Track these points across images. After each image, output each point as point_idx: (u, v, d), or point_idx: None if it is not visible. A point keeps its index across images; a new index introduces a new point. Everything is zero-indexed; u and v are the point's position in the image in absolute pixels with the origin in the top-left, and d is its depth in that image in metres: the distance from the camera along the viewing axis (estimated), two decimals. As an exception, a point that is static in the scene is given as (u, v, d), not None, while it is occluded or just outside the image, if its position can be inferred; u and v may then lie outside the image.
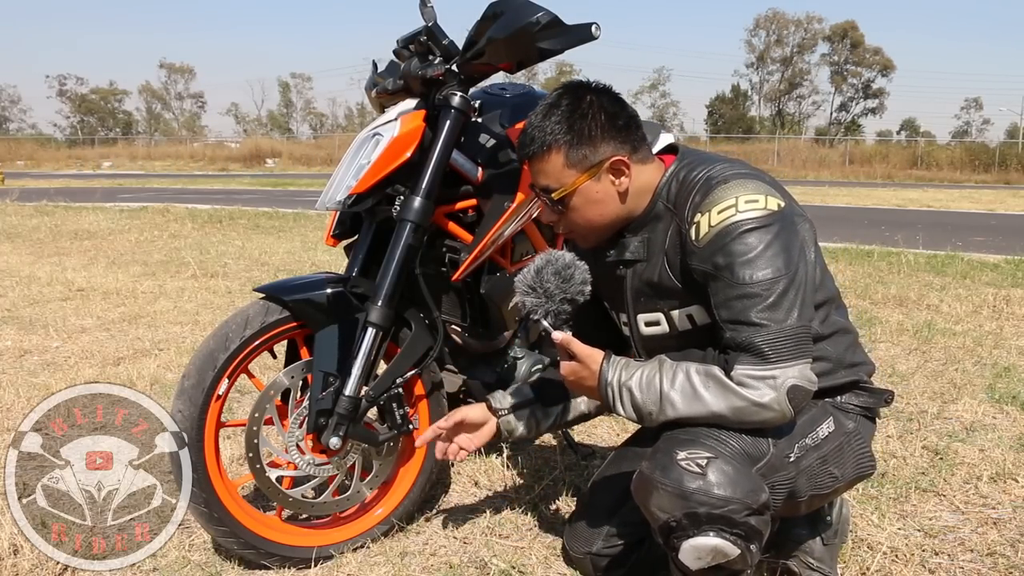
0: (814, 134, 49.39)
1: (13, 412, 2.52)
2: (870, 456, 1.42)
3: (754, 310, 1.23)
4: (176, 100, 61.07)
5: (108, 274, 5.17)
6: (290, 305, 1.59)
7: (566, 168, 1.35)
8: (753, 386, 1.22)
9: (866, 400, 1.42)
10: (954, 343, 3.52)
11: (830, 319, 1.40)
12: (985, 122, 58.44)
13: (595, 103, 1.35)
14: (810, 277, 1.30)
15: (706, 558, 1.24)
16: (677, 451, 1.24)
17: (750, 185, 1.29)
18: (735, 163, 1.36)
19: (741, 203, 1.26)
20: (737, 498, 1.21)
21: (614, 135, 1.35)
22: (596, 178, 1.36)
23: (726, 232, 1.25)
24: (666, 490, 1.23)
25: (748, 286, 1.23)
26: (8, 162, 28.60)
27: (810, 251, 1.33)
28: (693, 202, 1.31)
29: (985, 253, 6.54)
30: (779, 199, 1.29)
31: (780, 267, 1.24)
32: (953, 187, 21.37)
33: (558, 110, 1.35)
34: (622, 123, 1.36)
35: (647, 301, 1.43)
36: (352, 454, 1.67)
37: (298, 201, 11.99)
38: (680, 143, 1.48)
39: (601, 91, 1.38)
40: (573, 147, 1.34)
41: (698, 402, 1.26)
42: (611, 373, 1.33)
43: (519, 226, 1.85)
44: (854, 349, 1.43)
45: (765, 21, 52.85)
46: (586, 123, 1.34)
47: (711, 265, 1.27)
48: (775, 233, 1.25)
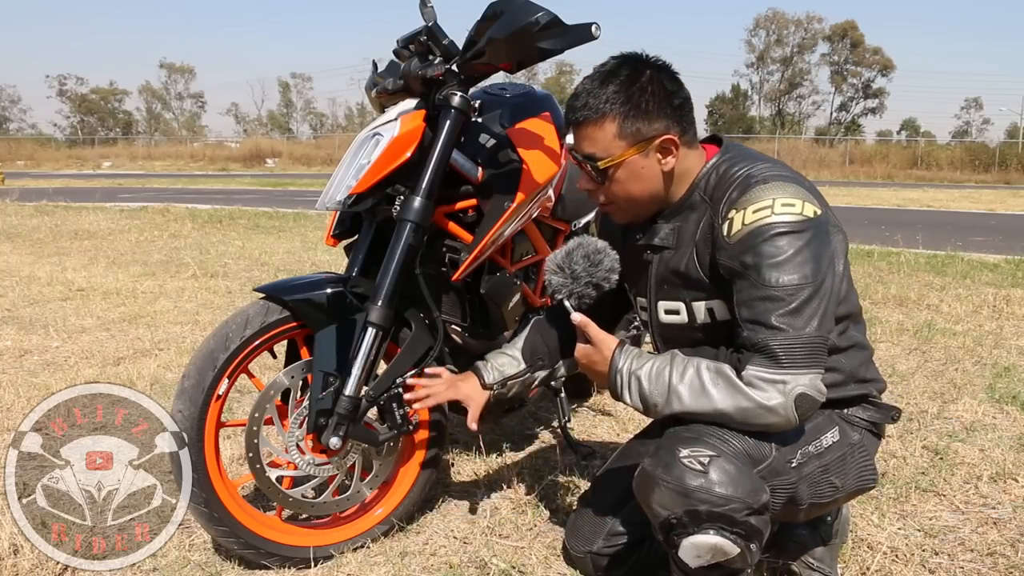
0: (814, 134, 49.40)
1: (13, 412, 2.52)
2: (872, 469, 1.42)
3: (775, 313, 1.23)
4: (176, 100, 61.14)
5: (108, 274, 5.17)
6: (290, 305, 1.59)
7: (617, 139, 1.34)
8: (762, 388, 1.22)
9: (873, 415, 1.42)
10: (954, 343, 3.52)
11: (848, 333, 1.39)
12: (985, 122, 58.48)
13: (654, 78, 1.34)
14: (835, 289, 1.29)
15: (706, 556, 1.24)
16: (680, 448, 1.24)
17: (789, 189, 1.28)
18: (777, 164, 1.35)
19: (778, 205, 1.25)
20: (738, 497, 1.21)
21: (669, 112, 1.34)
22: (644, 153, 1.35)
23: (759, 232, 1.25)
24: (668, 487, 1.23)
25: (773, 288, 1.23)
26: (8, 162, 28.61)
27: (839, 263, 1.32)
28: (730, 198, 1.31)
29: (985, 253, 6.55)
30: (816, 207, 1.28)
31: (807, 274, 1.23)
32: (953, 187, 21.38)
33: (617, 79, 1.34)
34: (678, 103, 1.35)
35: (670, 289, 1.42)
36: (352, 454, 1.67)
37: (298, 201, 11.99)
38: (726, 137, 1.47)
39: (661, 67, 1.37)
40: (628, 118, 1.33)
41: (705, 398, 1.26)
42: (622, 360, 1.34)
43: (519, 226, 1.84)
44: (867, 366, 1.43)
45: (765, 21, 52.88)
46: (644, 96, 1.32)
47: (739, 263, 1.27)
48: (807, 240, 1.24)
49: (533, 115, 1.88)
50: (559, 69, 48.82)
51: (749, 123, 53.22)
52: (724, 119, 53.39)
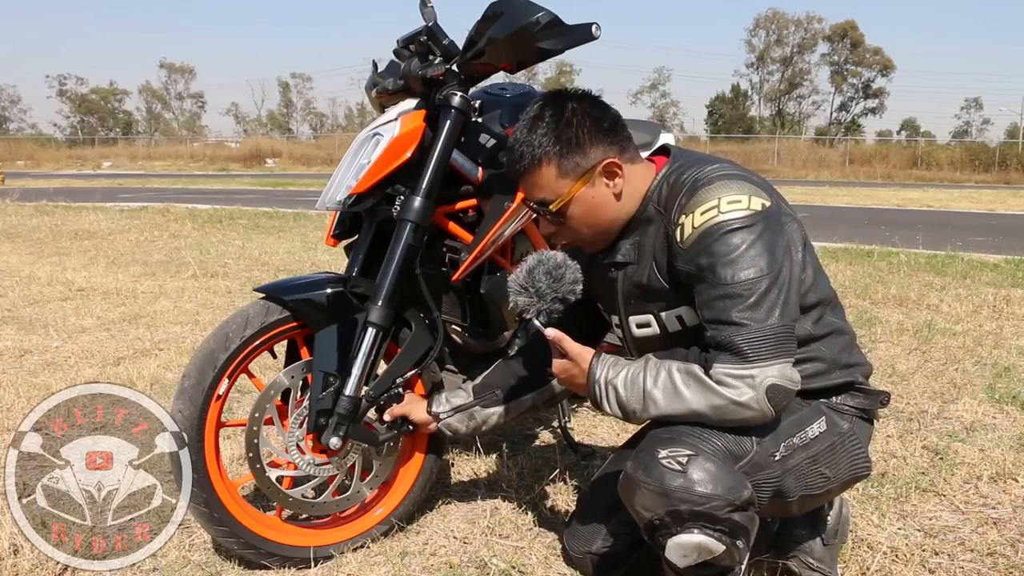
0: (814, 134, 49.40)
1: (13, 412, 2.52)
2: (865, 457, 1.42)
3: (735, 310, 1.24)
4: (176, 100, 61.15)
5: (108, 274, 5.17)
6: (290, 305, 1.59)
7: (560, 178, 1.36)
8: (732, 385, 1.23)
9: (862, 401, 1.42)
10: (954, 343, 3.52)
11: (824, 319, 1.40)
12: (985, 122, 58.51)
13: (578, 110, 1.36)
14: (795, 277, 1.30)
15: (692, 555, 1.25)
16: (659, 450, 1.26)
17: (733, 186, 1.29)
18: (724, 164, 1.37)
19: (723, 204, 1.27)
20: (718, 495, 1.22)
21: (601, 138, 1.36)
22: (591, 183, 1.37)
23: (709, 233, 1.26)
24: (648, 488, 1.24)
25: (730, 286, 1.24)
26: (8, 162, 28.61)
27: (797, 251, 1.33)
28: (679, 204, 1.32)
29: (985, 253, 6.54)
30: (764, 199, 1.29)
31: (763, 267, 1.25)
32: (953, 187, 21.38)
33: (543, 122, 1.36)
34: (607, 125, 1.37)
35: (637, 303, 1.44)
36: (352, 454, 1.67)
37: (298, 201, 11.99)
38: (673, 145, 1.48)
39: (581, 96, 1.39)
40: (564, 157, 1.35)
41: (679, 400, 1.27)
42: (599, 371, 1.34)
43: (519, 226, 1.84)
44: (850, 350, 1.43)
45: (765, 21, 52.88)
46: (572, 131, 1.35)
47: (695, 266, 1.28)
48: (758, 233, 1.26)
49: (533, 115, 1.88)
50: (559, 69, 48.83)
51: (749, 123, 53.22)
52: (724, 119, 53.41)
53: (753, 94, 55.80)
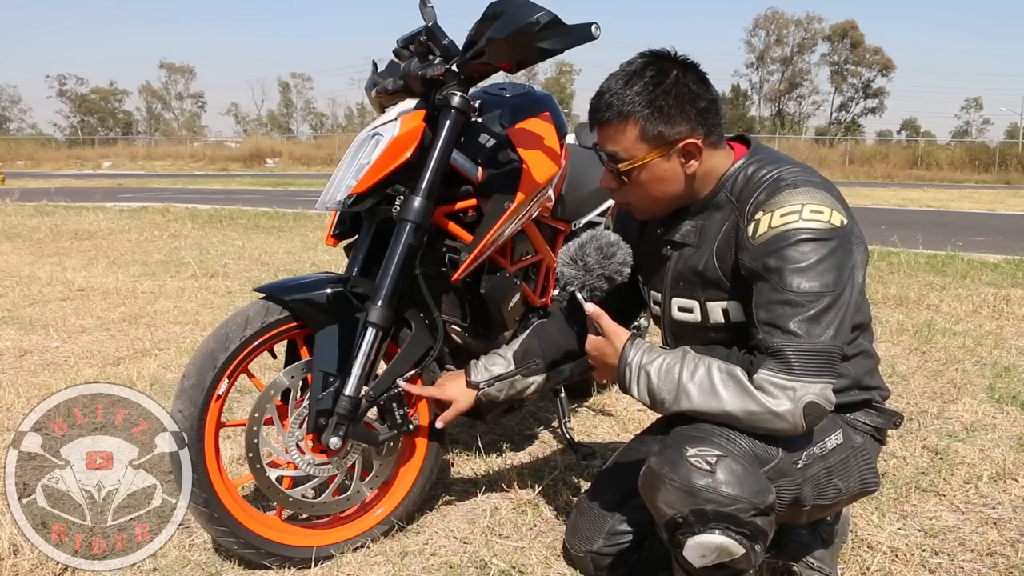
0: (814, 134, 49.36)
1: (13, 412, 2.52)
2: (874, 473, 1.42)
3: (793, 319, 1.22)
4: (176, 100, 61.18)
5: (108, 274, 5.17)
6: (290, 305, 1.59)
7: (639, 141, 1.33)
8: (772, 393, 1.22)
9: (876, 420, 1.42)
10: (954, 343, 3.52)
11: (857, 341, 1.40)
12: (985, 122, 58.53)
13: (680, 81, 1.32)
14: (853, 301, 1.28)
15: (711, 556, 1.24)
16: (687, 447, 1.24)
17: (819, 195, 1.27)
18: (807, 169, 1.34)
19: (806, 211, 1.24)
20: (745, 497, 1.20)
21: (694, 116, 1.32)
22: (667, 157, 1.34)
23: (784, 236, 1.24)
24: (674, 486, 1.22)
25: (793, 293, 1.22)
26: (8, 162, 28.61)
27: (859, 275, 1.32)
28: (757, 199, 1.30)
29: (985, 253, 6.55)
30: (843, 216, 1.27)
31: (829, 283, 1.23)
32: (953, 187, 21.37)
33: (641, 80, 1.31)
34: (704, 105, 1.33)
35: (686, 287, 1.42)
36: (352, 454, 1.67)
37: (298, 201, 11.99)
38: (753, 136, 1.46)
39: (687, 67, 1.34)
40: (650, 122, 1.31)
41: (714, 398, 1.25)
42: (633, 353, 1.33)
43: (519, 226, 1.85)
44: (872, 374, 1.43)
45: (765, 21, 52.88)
46: (668, 99, 1.30)
47: (761, 265, 1.26)
48: (832, 249, 1.24)
49: (533, 115, 1.88)
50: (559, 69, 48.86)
51: (749, 123, 53.16)
52: (724, 119, 53.32)
53: (753, 94, 55.85)
